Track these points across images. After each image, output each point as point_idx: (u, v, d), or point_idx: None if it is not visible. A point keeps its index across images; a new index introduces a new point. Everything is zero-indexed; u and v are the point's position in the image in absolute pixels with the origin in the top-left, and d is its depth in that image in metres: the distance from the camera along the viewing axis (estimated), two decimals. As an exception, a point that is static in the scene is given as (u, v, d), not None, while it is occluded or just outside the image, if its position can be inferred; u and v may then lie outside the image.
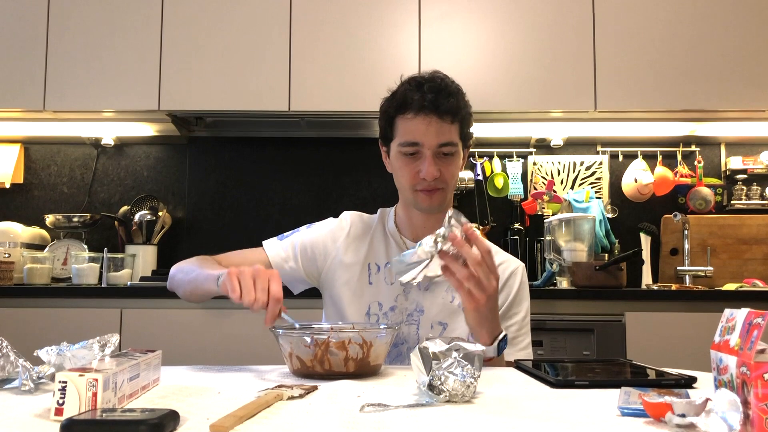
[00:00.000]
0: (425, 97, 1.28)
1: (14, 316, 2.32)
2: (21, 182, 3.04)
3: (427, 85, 1.30)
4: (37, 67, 2.66)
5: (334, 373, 1.00)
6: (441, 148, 1.30)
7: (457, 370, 0.81)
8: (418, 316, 1.35)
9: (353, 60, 2.65)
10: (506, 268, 1.41)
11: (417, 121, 1.29)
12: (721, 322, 0.71)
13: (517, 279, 1.42)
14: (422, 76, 1.34)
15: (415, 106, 1.29)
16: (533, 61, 2.66)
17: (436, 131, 1.29)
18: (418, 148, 1.30)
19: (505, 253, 1.47)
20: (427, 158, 1.29)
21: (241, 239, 3.00)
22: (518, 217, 2.94)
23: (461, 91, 1.35)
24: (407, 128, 1.31)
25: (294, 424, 0.71)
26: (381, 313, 1.37)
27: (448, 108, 1.29)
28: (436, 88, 1.30)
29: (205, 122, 2.99)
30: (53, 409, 0.71)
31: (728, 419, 0.63)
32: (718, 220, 2.91)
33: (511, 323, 1.38)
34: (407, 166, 1.33)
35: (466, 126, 1.35)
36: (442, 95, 1.29)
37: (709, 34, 2.66)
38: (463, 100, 1.34)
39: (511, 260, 1.45)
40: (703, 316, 2.27)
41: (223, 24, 2.68)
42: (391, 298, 1.37)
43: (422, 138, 1.29)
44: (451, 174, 1.33)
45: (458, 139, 1.33)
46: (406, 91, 1.32)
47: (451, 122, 1.30)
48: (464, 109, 1.33)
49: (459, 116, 1.31)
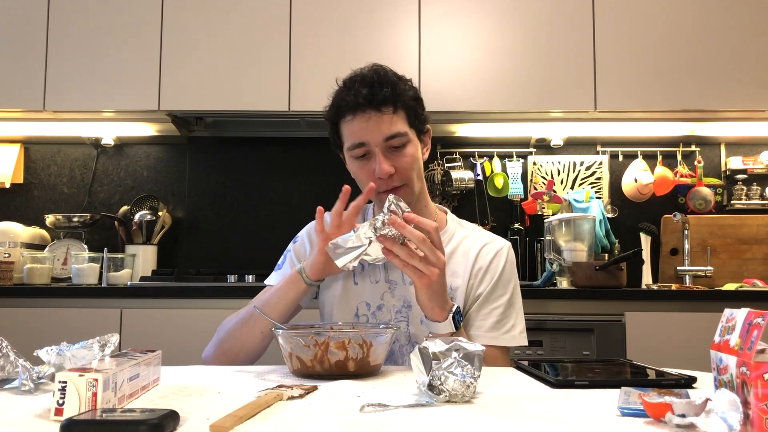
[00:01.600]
0: (359, 94, 1.24)
1: (14, 316, 2.32)
2: (21, 182, 3.04)
3: (358, 83, 1.26)
4: (37, 67, 2.66)
5: (334, 373, 1.00)
6: (389, 142, 1.26)
7: (457, 370, 0.81)
8: (407, 312, 1.33)
9: (353, 60, 2.61)
10: (490, 249, 1.37)
11: (357, 121, 1.25)
12: (721, 322, 0.71)
13: (501, 260, 1.36)
14: (355, 73, 1.30)
15: (351, 107, 1.25)
16: (533, 61, 2.66)
17: (378, 126, 1.24)
18: (366, 148, 1.26)
19: (489, 234, 1.42)
20: (377, 155, 1.25)
21: (241, 239, 3.01)
22: (518, 217, 2.94)
23: (401, 78, 1.31)
24: (350, 131, 1.27)
25: (294, 424, 0.71)
26: (369, 313, 1.35)
27: (384, 99, 1.24)
28: (369, 83, 1.25)
29: (205, 122, 2.98)
30: (53, 409, 0.71)
31: (728, 419, 0.63)
32: (718, 220, 2.91)
33: (496, 306, 1.32)
34: (362, 169, 1.29)
35: (413, 112, 1.30)
36: (376, 88, 1.24)
37: (709, 34, 2.66)
38: (402, 86, 1.28)
39: (496, 240, 1.40)
40: (703, 316, 2.27)
41: (222, 24, 2.68)
42: (377, 296, 1.35)
43: (366, 136, 1.25)
44: (408, 165, 1.27)
45: (406, 127, 1.28)
46: (339, 95, 1.29)
47: (393, 112, 1.26)
48: (405, 95, 1.28)
49: (400, 104, 1.26)
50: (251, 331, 1.27)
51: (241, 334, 1.28)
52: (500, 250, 1.37)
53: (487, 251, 1.36)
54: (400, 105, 1.27)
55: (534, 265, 2.90)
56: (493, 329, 1.31)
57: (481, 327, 1.31)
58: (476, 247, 1.37)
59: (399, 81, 1.29)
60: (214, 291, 2.32)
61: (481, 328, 1.31)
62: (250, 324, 1.28)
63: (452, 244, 1.38)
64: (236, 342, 1.29)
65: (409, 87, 1.31)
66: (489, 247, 1.37)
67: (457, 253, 1.37)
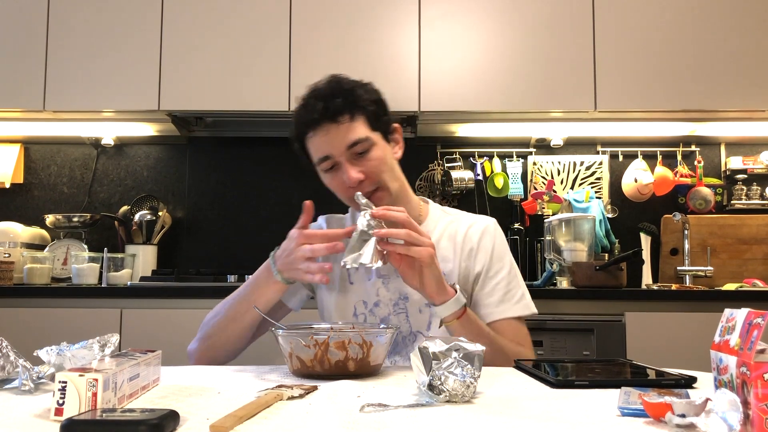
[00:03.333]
0: (314, 110, 1.25)
1: (14, 316, 2.32)
2: (21, 182, 3.04)
3: (312, 99, 1.27)
4: (37, 67, 2.66)
5: (334, 373, 1.00)
6: (352, 150, 1.26)
7: (457, 370, 0.81)
8: (404, 304, 1.33)
9: (353, 60, 2.65)
10: (477, 229, 1.38)
11: (317, 136, 1.26)
12: (721, 322, 0.71)
13: (490, 237, 1.38)
14: (310, 89, 1.30)
15: (309, 124, 1.26)
16: (533, 61, 2.66)
17: (337, 136, 1.25)
18: (333, 160, 1.27)
19: (473, 215, 1.44)
20: (344, 165, 1.26)
21: (241, 239, 3.01)
22: (518, 217, 2.94)
23: (359, 84, 1.31)
24: (313, 146, 1.28)
25: (294, 424, 0.71)
26: (367, 311, 1.35)
27: (338, 108, 1.24)
28: (322, 96, 1.26)
29: (205, 122, 2.99)
30: (53, 409, 0.71)
31: (728, 419, 0.63)
32: (718, 220, 2.91)
33: (498, 280, 1.34)
34: (333, 181, 1.30)
35: (373, 115, 1.29)
36: (329, 100, 1.25)
37: (709, 34, 2.66)
38: (358, 92, 1.28)
39: (480, 219, 1.41)
40: (703, 316, 2.27)
41: (222, 24, 2.68)
42: (373, 293, 1.35)
43: (328, 149, 1.26)
44: (375, 169, 1.27)
45: (368, 131, 1.27)
46: (297, 114, 1.30)
47: (351, 120, 1.25)
48: (362, 100, 1.27)
49: (357, 110, 1.26)
50: (228, 327, 1.28)
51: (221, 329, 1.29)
52: (486, 227, 1.39)
53: (474, 232, 1.38)
54: (357, 111, 1.27)
55: (534, 265, 2.91)
56: (503, 302, 1.32)
57: (490, 304, 1.32)
58: (462, 229, 1.39)
59: (355, 87, 1.29)
60: (214, 291, 2.32)
61: (491, 305, 1.32)
62: (227, 320, 1.29)
63: (438, 231, 1.39)
64: (218, 338, 1.30)
65: (367, 91, 1.31)
66: (475, 228, 1.39)
67: (443, 238, 1.38)
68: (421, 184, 3.05)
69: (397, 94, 2.62)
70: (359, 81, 1.33)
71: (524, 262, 2.89)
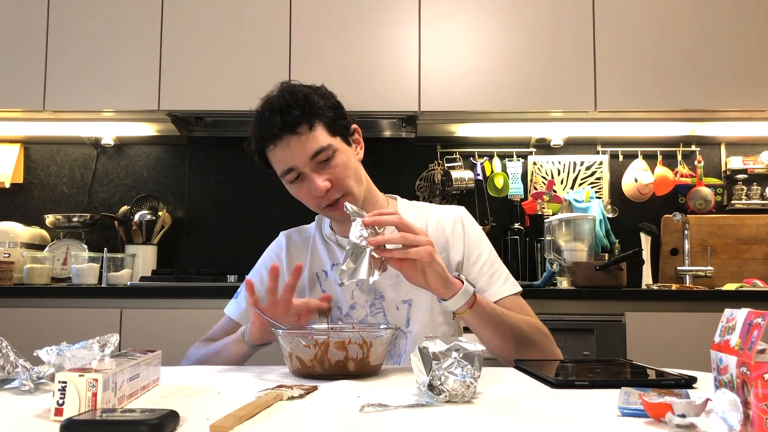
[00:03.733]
0: (272, 124, 1.24)
1: (14, 316, 2.32)
2: (21, 182, 3.04)
3: (268, 112, 1.25)
4: (37, 67, 2.66)
5: (334, 373, 1.00)
6: (315, 159, 1.24)
7: (457, 370, 0.81)
8: (381, 304, 1.33)
9: (353, 60, 2.65)
10: (446, 221, 1.38)
11: (278, 149, 1.25)
12: (721, 322, 0.71)
13: (461, 225, 1.38)
14: (265, 102, 1.29)
15: (269, 138, 1.25)
16: (533, 61, 2.66)
17: (299, 148, 1.23)
18: (297, 171, 1.26)
19: (441, 207, 1.43)
20: (309, 175, 1.25)
21: (241, 239, 3.01)
22: (518, 217, 2.94)
23: (313, 89, 1.29)
24: (276, 159, 1.27)
25: (294, 424, 0.71)
26: (343, 316, 1.34)
27: (297, 120, 1.23)
28: (278, 107, 1.24)
29: (205, 122, 2.99)
30: (53, 409, 0.71)
31: (728, 419, 0.63)
32: (718, 220, 2.91)
33: (481, 264, 1.34)
34: (300, 191, 1.29)
35: (332, 120, 1.28)
36: (285, 112, 1.23)
37: (709, 34, 2.66)
38: (314, 99, 1.26)
39: (449, 210, 1.41)
40: (703, 316, 2.27)
41: (222, 24, 2.68)
42: (348, 297, 1.34)
43: (291, 161, 1.24)
44: (341, 175, 1.26)
45: (329, 138, 1.26)
46: (255, 129, 1.28)
47: (310, 129, 1.24)
48: (318, 108, 1.25)
49: (315, 117, 1.25)
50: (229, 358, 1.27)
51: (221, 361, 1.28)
52: (456, 216, 1.39)
53: (444, 223, 1.38)
54: (315, 119, 1.25)
55: (534, 265, 2.90)
56: (491, 284, 1.32)
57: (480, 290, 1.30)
58: (432, 222, 1.39)
59: (310, 95, 1.27)
60: (214, 291, 2.32)
61: (480, 290, 1.30)
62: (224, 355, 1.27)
63: None
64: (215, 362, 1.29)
65: (323, 96, 1.29)
66: (445, 218, 1.39)
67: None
68: (421, 184, 3.05)
69: (397, 94, 2.63)
70: (312, 86, 1.31)
71: (524, 262, 2.89)
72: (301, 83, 1.32)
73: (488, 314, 1.18)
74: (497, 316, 1.20)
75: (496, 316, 1.20)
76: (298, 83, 1.31)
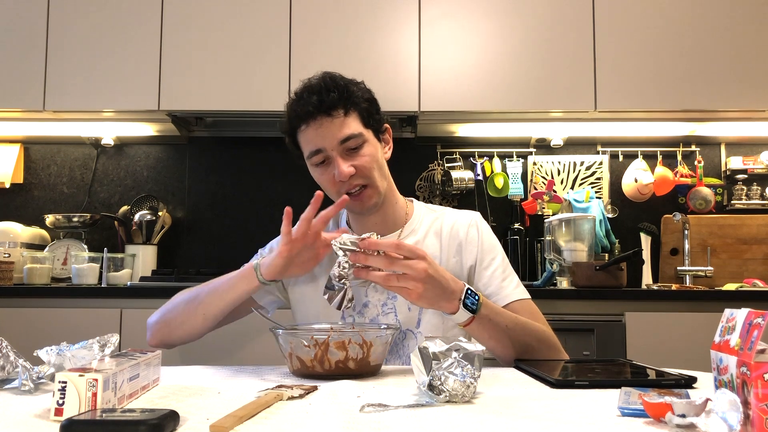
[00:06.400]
0: (308, 103, 1.25)
1: (14, 316, 2.32)
2: (21, 182, 3.04)
3: (306, 92, 1.27)
4: (37, 67, 2.66)
5: (334, 373, 1.00)
6: (344, 144, 1.26)
7: (457, 370, 0.81)
8: (393, 303, 1.33)
9: (353, 60, 2.65)
10: (462, 224, 1.39)
11: (310, 129, 1.27)
12: (721, 322, 0.71)
13: (476, 229, 1.38)
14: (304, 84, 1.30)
15: (303, 116, 1.27)
16: (533, 61, 2.66)
17: (331, 130, 1.25)
18: (324, 154, 1.27)
19: (457, 211, 1.43)
20: (335, 159, 1.26)
21: (241, 239, 3.01)
22: (518, 217, 2.94)
23: (352, 81, 1.31)
24: (305, 139, 1.29)
25: (294, 424, 0.71)
26: (355, 314, 1.34)
27: (333, 103, 1.25)
28: (317, 90, 1.26)
29: (205, 122, 2.99)
30: (53, 409, 0.71)
31: (728, 419, 0.63)
32: (718, 220, 2.91)
33: (493, 269, 1.35)
34: (323, 176, 1.30)
35: (366, 112, 1.30)
36: (324, 93, 1.25)
37: (709, 34, 2.66)
38: (351, 89, 1.28)
39: (462, 214, 1.42)
40: (703, 316, 2.27)
41: (223, 24, 2.68)
42: (361, 295, 1.34)
43: (321, 142, 1.26)
44: (368, 164, 1.28)
45: (361, 127, 1.28)
46: (291, 108, 1.30)
47: (345, 114, 1.26)
48: (356, 97, 1.28)
49: (351, 106, 1.27)
50: (194, 310, 1.28)
51: (185, 310, 1.29)
52: (470, 222, 1.40)
53: (459, 226, 1.39)
54: (351, 107, 1.27)
55: (534, 265, 2.90)
56: (502, 288, 1.33)
57: (490, 294, 1.32)
58: (447, 225, 1.39)
59: (349, 84, 1.30)
60: (214, 291, 2.32)
61: (491, 294, 1.31)
62: (195, 303, 1.28)
63: (423, 228, 1.40)
64: (177, 316, 1.30)
65: (361, 89, 1.32)
66: (460, 222, 1.39)
67: (429, 235, 1.39)
68: (421, 184, 3.05)
69: (397, 94, 2.63)
70: (352, 79, 1.33)
71: (524, 262, 2.89)
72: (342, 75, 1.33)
73: (495, 325, 1.17)
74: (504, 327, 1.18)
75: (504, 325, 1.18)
76: (338, 74, 1.33)
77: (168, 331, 1.32)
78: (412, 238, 1.38)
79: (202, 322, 1.28)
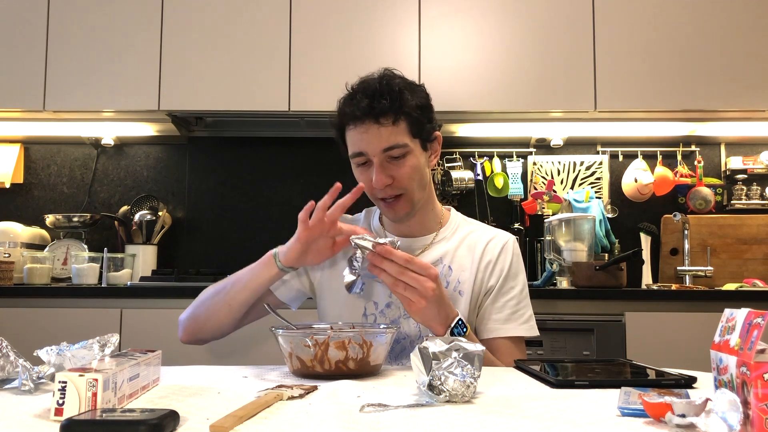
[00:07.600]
0: (359, 105, 1.25)
1: (14, 316, 2.32)
2: (21, 182, 3.04)
3: (360, 93, 1.27)
4: (37, 67, 2.66)
5: (334, 373, 1.00)
6: (387, 153, 1.26)
7: (457, 370, 0.81)
8: None
9: (353, 60, 2.65)
10: (496, 244, 1.39)
11: (357, 131, 1.26)
12: (721, 322, 0.71)
13: (508, 254, 1.39)
14: (361, 81, 1.30)
15: (352, 117, 1.26)
16: (533, 61, 2.66)
17: (377, 137, 1.25)
18: (366, 158, 1.28)
19: (494, 228, 1.44)
20: (375, 166, 1.27)
21: (241, 239, 3.01)
22: (518, 217, 2.94)
23: (408, 86, 1.29)
24: (351, 139, 1.29)
25: (294, 424, 0.70)
26: (377, 312, 1.35)
27: (384, 110, 1.24)
28: (370, 93, 1.25)
29: (205, 122, 2.99)
30: (53, 409, 0.71)
31: (728, 419, 0.63)
32: (718, 220, 2.91)
33: (509, 297, 1.36)
34: (362, 176, 1.31)
35: (417, 122, 1.28)
36: (376, 99, 1.24)
37: (709, 34, 2.66)
38: (406, 96, 1.26)
39: (500, 235, 1.42)
40: (703, 316, 2.27)
41: (223, 24, 2.68)
42: (386, 294, 1.35)
43: (365, 147, 1.26)
44: (407, 176, 1.28)
45: (407, 138, 1.27)
46: (342, 103, 1.30)
47: (393, 123, 1.25)
48: (408, 105, 1.26)
49: (401, 114, 1.25)
50: (220, 302, 1.31)
51: (212, 303, 1.32)
52: (506, 243, 1.40)
53: (493, 246, 1.39)
54: (401, 116, 1.26)
55: (534, 265, 2.90)
56: (510, 320, 1.34)
57: (497, 320, 1.34)
58: (482, 241, 1.39)
59: (405, 90, 1.27)
60: (214, 291, 2.32)
61: (498, 320, 1.34)
62: (221, 295, 1.31)
63: (457, 237, 1.40)
64: (205, 310, 1.33)
65: (416, 96, 1.29)
66: (495, 242, 1.39)
67: (462, 246, 1.39)
68: (421, 184, 3.04)
69: (397, 94, 2.62)
70: (411, 82, 1.32)
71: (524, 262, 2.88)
72: (403, 75, 1.32)
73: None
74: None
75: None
76: (399, 74, 1.32)
77: (197, 326, 1.34)
78: (443, 245, 1.38)
79: (227, 312, 1.31)
